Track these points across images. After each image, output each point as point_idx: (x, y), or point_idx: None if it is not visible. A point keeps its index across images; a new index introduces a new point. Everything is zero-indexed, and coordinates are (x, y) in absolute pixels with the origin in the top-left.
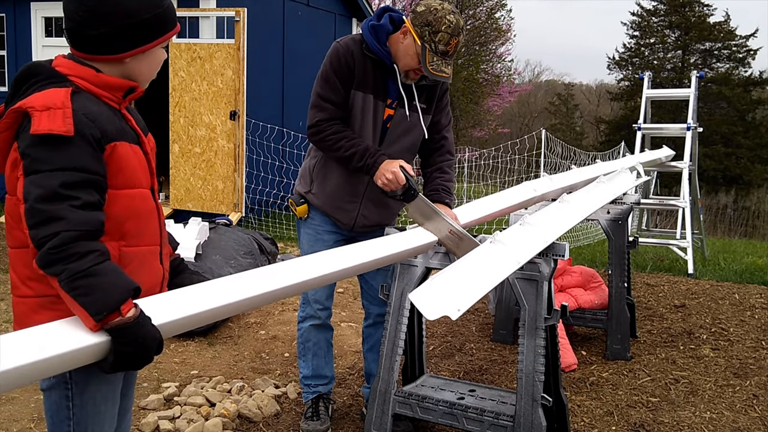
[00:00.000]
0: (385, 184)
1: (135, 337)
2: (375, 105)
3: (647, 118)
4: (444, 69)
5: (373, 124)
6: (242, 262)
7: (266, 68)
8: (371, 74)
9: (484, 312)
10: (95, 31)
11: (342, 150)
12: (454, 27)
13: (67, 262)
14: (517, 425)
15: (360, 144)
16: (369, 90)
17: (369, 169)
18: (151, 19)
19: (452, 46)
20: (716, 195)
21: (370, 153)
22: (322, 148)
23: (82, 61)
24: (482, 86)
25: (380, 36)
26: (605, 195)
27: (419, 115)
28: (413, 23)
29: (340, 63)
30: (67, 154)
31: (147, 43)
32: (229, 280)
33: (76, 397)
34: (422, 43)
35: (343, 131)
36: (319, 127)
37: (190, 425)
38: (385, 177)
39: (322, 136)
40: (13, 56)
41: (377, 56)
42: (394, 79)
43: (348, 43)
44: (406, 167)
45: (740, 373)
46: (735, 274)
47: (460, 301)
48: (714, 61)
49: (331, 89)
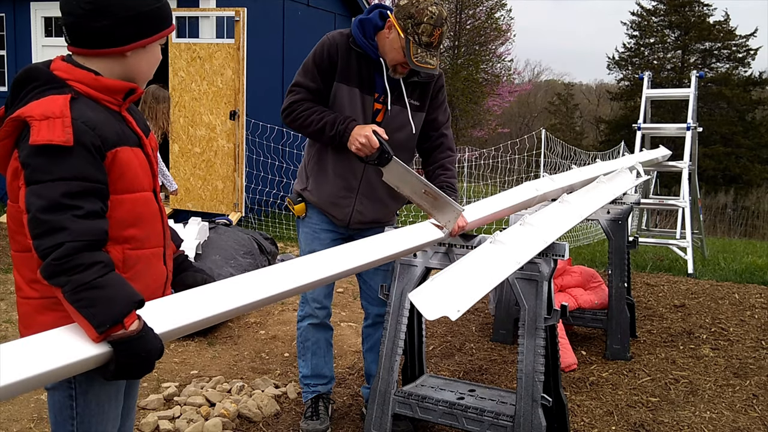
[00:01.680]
0: (359, 149)
1: (137, 350)
2: (362, 99)
3: (647, 118)
4: (429, 60)
5: (362, 119)
6: (242, 262)
7: (266, 68)
8: (355, 67)
9: (484, 312)
10: (97, 24)
11: (314, 124)
12: (436, 18)
13: (71, 273)
14: (516, 425)
15: (329, 114)
16: (354, 83)
17: (341, 136)
18: (150, 13)
19: (436, 37)
20: (716, 195)
21: (340, 120)
22: (296, 128)
23: (81, 64)
24: (482, 86)
25: (367, 30)
26: (605, 195)
27: (408, 111)
28: (397, 17)
29: (322, 55)
30: (68, 163)
31: (147, 36)
32: (229, 283)
33: (79, 397)
34: (406, 35)
35: (312, 107)
36: (291, 107)
37: (190, 425)
38: (359, 141)
39: (293, 116)
40: (13, 56)
41: (363, 50)
42: (381, 73)
43: (335, 36)
44: (378, 131)
45: (740, 373)
46: (735, 273)
47: (459, 302)
48: (714, 61)
49: (308, 77)
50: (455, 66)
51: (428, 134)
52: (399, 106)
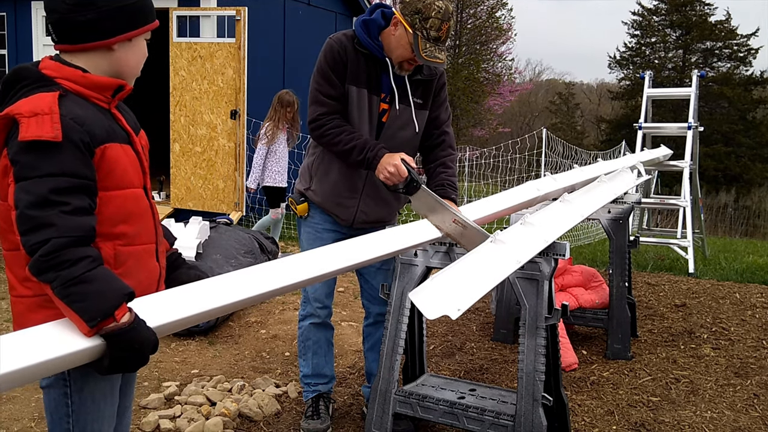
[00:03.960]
0: (387, 178)
1: (130, 343)
2: (369, 99)
3: (648, 118)
4: (438, 55)
5: (369, 119)
6: (243, 262)
7: (267, 67)
8: (363, 69)
9: (484, 311)
10: (83, 17)
11: (342, 144)
12: (444, 12)
13: (60, 269)
14: (517, 425)
15: (359, 138)
16: (362, 84)
17: (370, 163)
18: (134, 6)
19: (444, 32)
20: (717, 194)
21: (370, 147)
22: (322, 143)
23: (69, 62)
24: (483, 85)
25: (371, 30)
26: (606, 194)
27: (413, 109)
28: (403, 13)
29: (334, 57)
30: (57, 159)
31: (132, 29)
32: (223, 278)
33: (74, 395)
34: (414, 31)
35: (342, 125)
36: (320, 121)
37: (191, 424)
38: (387, 170)
39: (322, 131)
40: (14, 55)
41: (369, 51)
42: (387, 73)
43: (340, 38)
44: (407, 159)
45: (741, 373)
46: (736, 273)
47: (460, 301)
48: (715, 61)
49: (328, 84)
50: (456, 65)
51: (430, 132)
52: (404, 105)
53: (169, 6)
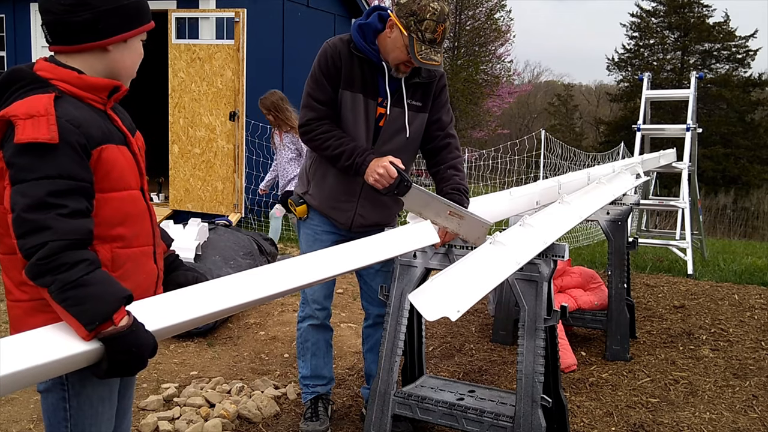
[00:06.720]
0: (377, 180)
1: (129, 346)
2: (365, 104)
3: (647, 119)
4: (433, 57)
5: (365, 123)
6: (242, 263)
7: (266, 69)
8: (359, 73)
9: (483, 313)
10: (78, 18)
11: (330, 149)
12: (439, 13)
13: (57, 272)
14: (516, 426)
15: (348, 143)
16: (357, 89)
17: (358, 168)
18: (129, 6)
19: (439, 33)
20: (715, 195)
21: (358, 152)
22: (312, 147)
23: (64, 63)
24: (482, 87)
25: (367, 34)
26: (605, 196)
27: (406, 113)
28: (398, 15)
29: (327, 63)
30: (53, 161)
31: (128, 30)
32: (222, 282)
33: (72, 399)
34: (409, 33)
35: (331, 130)
36: (309, 126)
37: (190, 426)
38: (376, 173)
39: (311, 135)
40: (13, 57)
41: (365, 55)
42: (384, 77)
43: (336, 43)
44: (395, 162)
45: (740, 374)
46: (734, 274)
47: (459, 302)
48: (713, 62)
49: (319, 89)
50: (455, 67)
51: (434, 135)
52: (399, 109)
53: (168, 8)
